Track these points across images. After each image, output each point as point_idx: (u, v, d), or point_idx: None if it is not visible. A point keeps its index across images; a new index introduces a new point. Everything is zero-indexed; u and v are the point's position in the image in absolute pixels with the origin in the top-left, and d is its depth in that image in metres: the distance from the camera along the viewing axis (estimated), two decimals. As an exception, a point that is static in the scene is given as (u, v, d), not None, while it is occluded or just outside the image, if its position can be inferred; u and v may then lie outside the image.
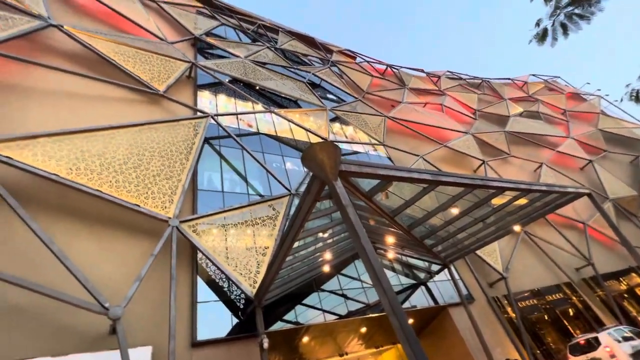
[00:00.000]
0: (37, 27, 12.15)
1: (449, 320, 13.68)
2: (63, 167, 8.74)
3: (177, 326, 8.19)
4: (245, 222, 11.12)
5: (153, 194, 9.85)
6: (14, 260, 7.58)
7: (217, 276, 10.37)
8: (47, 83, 11.53)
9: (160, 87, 14.19)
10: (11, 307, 7.09)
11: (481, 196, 8.32)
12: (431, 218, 8.83)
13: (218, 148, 14.17)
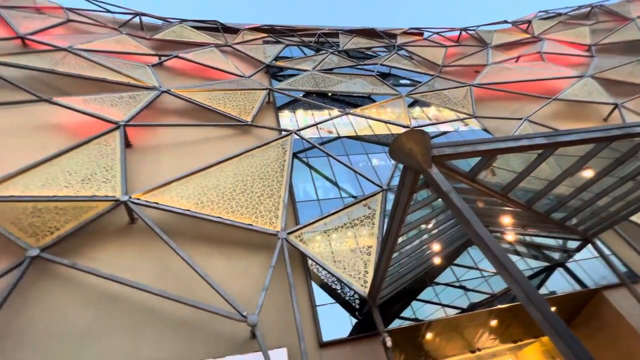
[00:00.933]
0: (155, 96, 15.18)
1: (607, 307, 11.18)
2: (192, 202, 10.59)
3: (304, 328, 8.87)
4: (345, 225, 11.42)
5: (261, 213, 11.04)
6: (174, 283, 9.48)
7: (328, 279, 10.89)
8: (168, 138, 14.24)
9: (247, 118, 15.94)
10: (179, 320, 8.87)
11: (623, 148, 6.61)
12: (555, 187, 7.44)
13: (306, 160, 15.01)
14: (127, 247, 10.09)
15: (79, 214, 9.52)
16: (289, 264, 9.92)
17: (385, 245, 6.18)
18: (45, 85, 15.02)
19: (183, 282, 9.49)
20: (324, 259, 10.38)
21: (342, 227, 11.43)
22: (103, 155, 11.33)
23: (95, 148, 11.53)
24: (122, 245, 10.10)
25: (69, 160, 10.82)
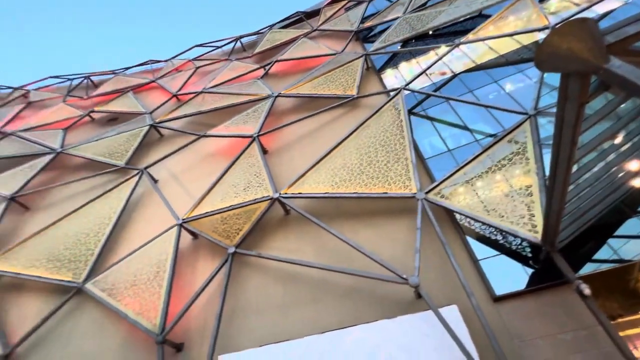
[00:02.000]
0: (271, 103, 17.09)
1: None
2: (327, 185, 11.52)
3: (469, 284, 8.43)
4: (490, 169, 10.04)
5: (392, 179, 10.96)
6: (335, 257, 10.64)
7: (485, 231, 9.92)
8: (292, 134, 15.83)
9: (352, 92, 15.93)
10: (347, 289, 9.95)
11: None
12: None
13: (424, 112, 13.91)
14: (290, 235, 11.92)
15: (250, 215, 11.84)
16: (435, 223, 9.54)
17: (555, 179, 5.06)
18: (198, 125, 19.12)
19: (341, 256, 10.51)
20: (474, 210, 9.47)
21: (487, 172, 10.09)
22: (251, 165, 13.63)
23: (244, 161, 14.00)
24: (285, 234, 12.01)
25: (230, 176, 13.55)
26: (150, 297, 10.70)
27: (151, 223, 13.83)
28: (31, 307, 12.38)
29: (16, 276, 13.00)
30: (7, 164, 19.33)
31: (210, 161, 16.35)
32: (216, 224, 12.11)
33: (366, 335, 8.68)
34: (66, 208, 15.45)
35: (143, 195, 15.58)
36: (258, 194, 12.10)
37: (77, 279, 12.17)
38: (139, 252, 12.24)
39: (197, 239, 12.87)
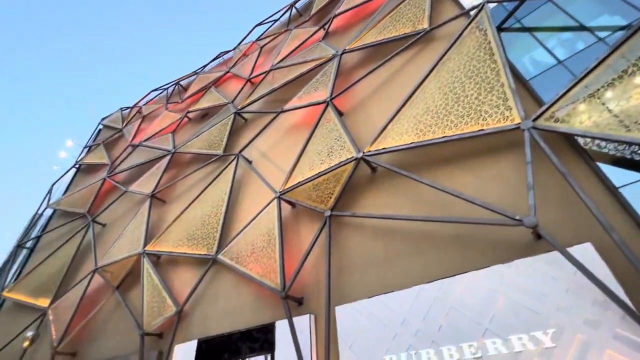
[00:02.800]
0: (337, 62, 16.58)
1: None
2: (412, 134, 10.85)
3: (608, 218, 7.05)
4: (625, 72, 7.82)
5: (487, 112, 9.62)
6: (433, 208, 10.22)
7: (625, 151, 8.00)
8: (365, 90, 15.21)
9: (423, 25, 14.14)
10: (450, 238, 9.54)
11: None
12: None
13: (518, 25, 11.48)
14: (381, 191, 11.87)
15: (338, 178, 12.16)
16: (551, 153, 8.10)
17: None
18: (274, 102, 20.02)
19: (440, 205, 10.02)
20: (605, 128, 7.65)
21: (621, 76, 7.89)
22: (330, 130, 13.76)
23: (323, 127, 14.20)
24: (376, 191, 12.00)
25: (313, 145, 14.00)
26: (269, 261, 12.31)
27: (255, 199, 15.56)
28: (187, 276, 15.71)
29: (170, 254, 16.55)
30: (142, 170, 24.10)
31: (292, 134, 17.13)
32: (309, 192, 12.86)
33: (479, 280, 8.31)
34: (189, 197, 18.58)
35: (243, 176, 17.51)
36: (342, 157, 12.24)
37: (211, 252, 14.79)
38: (250, 225, 14.04)
39: (295, 207, 13.99)
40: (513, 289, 7.76)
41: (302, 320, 10.79)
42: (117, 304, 16.94)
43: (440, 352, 8.05)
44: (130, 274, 17.80)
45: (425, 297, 8.97)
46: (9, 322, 21.01)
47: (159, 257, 17.38)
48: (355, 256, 11.28)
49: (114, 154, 30.08)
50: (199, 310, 14.20)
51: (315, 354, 10.22)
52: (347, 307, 10.23)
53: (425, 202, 10.52)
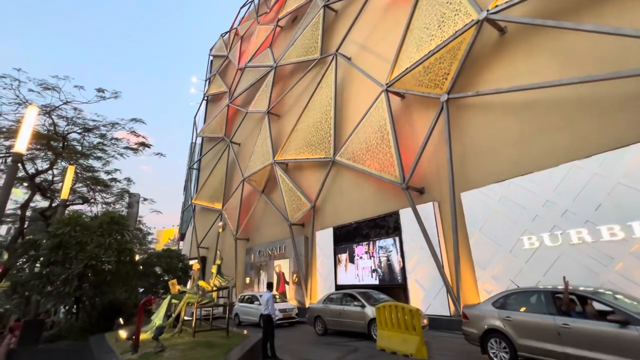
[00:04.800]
0: None
1: None
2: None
3: None
4: None
5: None
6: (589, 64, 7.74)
7: None
8: None
9: None
10: (624, 98, 7.26)
11: None
12: None
13: None
14: (513, 58, 9.58)
15: (455, 53, 10.29)
16: None
17: None
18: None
19: (603, 59, 7.48)
20: None
21: None
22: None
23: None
24: (506, 59, 9.76)
25: (418, 20, 11.84)
26: (385, 157, 12.48)
27: (361, 96, 15.14)
28: (313, 178, 17.83)
29: (295, 161, 18.74)
30: (253, 90, 26.17)
31: (391, 12, 14.82)
32: (419, 77, 11.52)
33: (667, 149, 6.37)
34: (299, 107, 19.57)
35: (345, 75, 16.91)
36: (458, 24, 10.04)
37: (329, 155, 15.94)
38: (361, 124, 14.07)
39: (404, 98, 13.02)
40: None
41: (426, 208, 11.11)
42: (266, 204, 21.12)
43: (598, 231, 7.13)
44: (269, 180, 21.38)
45: (578, 175, 7.63)
46: (202, 219, 29.41)
47: (287, 165, 19.97)
48: (481, 140, 10.17)
49: (228, 80, 33.26)
50: (329, 204, 16.31)
51: (443, 236, 10.68)
52: (475, 192, 9.81)
53: (579, 59, 8.01)
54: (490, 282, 8.97)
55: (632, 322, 4.03)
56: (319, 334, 9.94)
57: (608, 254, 6.94)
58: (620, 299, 4.56)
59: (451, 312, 9.81)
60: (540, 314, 5.03)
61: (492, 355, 5.56)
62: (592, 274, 7.03)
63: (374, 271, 12.86)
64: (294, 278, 17.24)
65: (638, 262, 6.53)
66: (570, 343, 4.53)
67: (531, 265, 8.16)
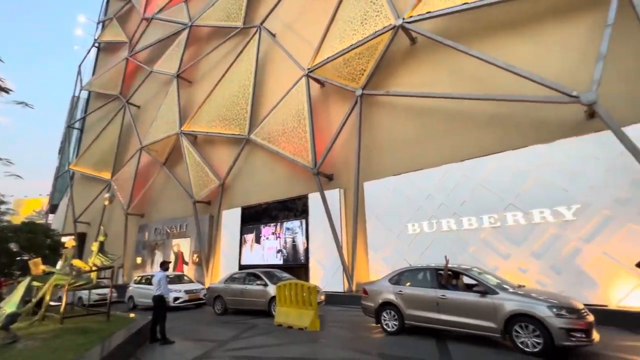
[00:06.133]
0: None
1: None
2: None
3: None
4: None
5: (572, -44, 7.47)
6: (474, 84, 9.36)
7: None
8: None
9: None
10: (489, 117, 9.03)
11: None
12: None
13: None
14: (420, 67, 10.81)
15: (372, 52, 11.01)
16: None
17: None
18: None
19: (482, 82, 9.13)
20: None
21: None
22: (364, -10, 11.62)
23: (356, -13, 11.98)
24: (414, 67, 10.95)
25: (344, 11, 12.16)
26: (300, 141, 12.69)
27: (282, 77, 14.90)
28: (224, 154, 16.90)
29: (206, 134, 17.41)
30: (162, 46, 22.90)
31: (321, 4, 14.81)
32: (339, 68, 11.98)
33: (513, 160, 8.26)
34: (214, 76, 18.09)
35: (267, 52, 16.31)
36: (378, 25, 10.73)
37: (244, 132, 15.33)
38: (279, 105, 13.91)
39: (324, 86, 13.38)
40: (546, 169, 7.72)
41: (333, 193, 11.84)
42: (168, 178, 19.15)
43: (460, 221, 8.84)
44: (173, 151, 19.37)
45: (453, 175, 9.24)
46: (83, 190, 24.88)
47: (196, 137, 18.41)
48: (386, 136, 11.28)
49: (129, 29, 28.23)
50: (239, 183, 15.82)
51: (345, 220, 11.61)
52: (376, 182, 10.92)
53: (466, 78, 9.58)
54: (379, 263, 10.23)
55: (489, 292, 5.16)
56: (218, 314, 9.77)
57: (465, 240, 8.71)
58: (483, 274, 5.80)
59: (345, 288, 10.87)
60: (425, 288, 6.00)
61: (384, 325, 6.38)
62: (454, 255, 8.71)
63: (279, 251, 13.19)
64: (195, 258, 16.34)
65: (484, 246, 8.38)
66: (445, 311, 5.53)
67: (412, 248, 9.63)
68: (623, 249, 6.50)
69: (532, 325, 4.59)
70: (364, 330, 6.77)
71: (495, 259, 8.12)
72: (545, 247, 7.50)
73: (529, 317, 4.62)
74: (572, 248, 7.16)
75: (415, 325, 6.01)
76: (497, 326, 4.88)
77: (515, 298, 4.87)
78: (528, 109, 8.29)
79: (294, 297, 7.47)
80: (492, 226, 8.33)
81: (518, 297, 4.88)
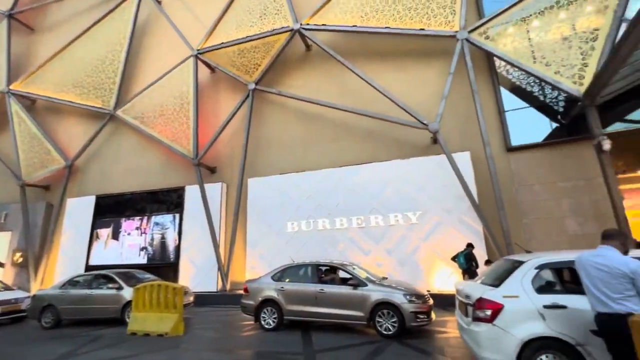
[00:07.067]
0: None
1: None
2: (356, 16, 9.98)
3: (489, 134, 8.55)
4: (557, 3, 8.25)
5: (433, 12, 9.31)
6: (356, 99, 10.46)
7: (522, 81, 9.19)
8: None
9: None
10: (366, 131, 10.29)
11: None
12: None
13: None
14: (312, 73, 11.37)
15: (268, 49, 10.93)
16: (471, 70, 8.74)
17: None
18: None
19: (365, 98, 10.30)
20: (520, 56, 8.42)
21: (552, 7, 8.33)
22: (267, -15, 11.46)
23: (258, -21, 11.69)
24: (307, 72, 11.44)
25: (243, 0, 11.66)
26: (180, 127, 11.45)
27: (164, 51, 13.15)
28: (76, 129, 13.62)
29: (49, 100, 13.65)
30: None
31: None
32: (233, 57, 11.42)
33: (380, 170, 9.63)
34: (72, 29, 14.44)
35: (149, 19, 14.09)
36: (276, 24, 10.76)
37: (107, 106, 12.76)
38: (159, 82, 12.20)
39: (214, 72, 12.50)
40: (403, 180, 9.33)
41: (214, 187, 11.15)
42: (-21, 149, 14.12)
43: (334, 221, 9.72)
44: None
45: (331, 179, 10.09)
46: None
47: (34, 102, 14.25)
48: (274, 134, 11.38)
49: None
50: (96, 166, 13.07)
51: (225, 217, 11.09)
52: (261, 180, 10.86)
53: (351, 92, 10.64)
54: (256, 260, 10.20)
55: (360, 284, 5.79)
56: (46, 327, 7.72)
57: (336, 238, 9.62)
58: (356, 269, 6.43)
59: (219, 287, 10.36)
60: (306, 283, 6.26)
61: (263, 322, 6.32)
62: (326, 252, 9.51)
63: (144, 249, 11.52)
64: (17, 258, 12.57)
65: (351, 244, 9.45)
66: (323, 304, 5.91)
67: (290, 245, 9.99)
68: (445, 246, 8.45)
69: (391, 312, 5.41)
70: (235, 330, 6.59)
71: (359, 255, 9.26)
72: (396, 244, 9.03)
73: (389, 304, 5.42)
74: (414, 246, 8.87)
75: (293, 320, 6.22)
76: (365, 314, 5.56)
77: (380, 289, 5.66)
78: (394, 129, 9.81)
79: (155, 301, 6.62)
80: (359, 226, 9.49)
81: (382, 287, 5.69)
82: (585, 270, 2.61)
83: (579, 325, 2.85)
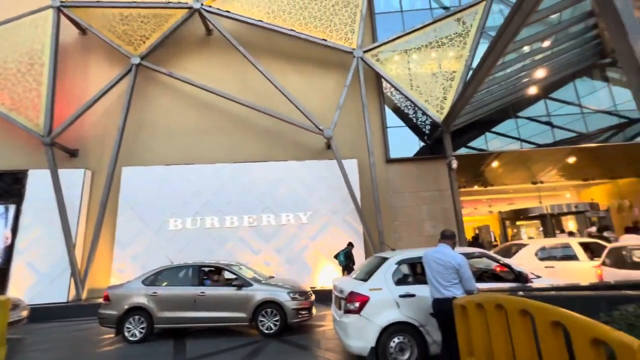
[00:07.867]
0: None
1: None
2: (263, 12, 9.80)
3: (373, 145, 9.64)
4: (430, 44, 9.97)
5: (336, 26, 9.96)
6: (255, 96, 10.23)
7: (402, 103, 10.72)
8: None
9: None
10: (263, 128, 10.17)
11: None
12: None
13: (392, -47, 11.74)
14: (211, 59, 10.58)
15: (161, 22, 9.64)
16: (363, 86, 9.70)
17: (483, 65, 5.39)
18: None
19: (263, 96, 10.17)
20: (401, 81, 9.82)
21: (427, 46, 10.03)
22: (164, -50, 10.11)
23: (154, -60, 10.21)
24: (206, 58, 10.59)
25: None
26: (27, 94, 8.94)
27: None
28: None
29: None
30: None
31: None
32: (113, 22, 9.61)
33: (274, 170, 9.65)
34: None
35: (-13, -56, 10.57)
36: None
37: None
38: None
39: (85, 34, 10.28)
40: (296, 181, 9.59)
41: (73, 174, 9.12)
42: None
43: (224, 220, 9.24)
44: None
45: (223, 174, 9.57)
46: None
47: None
48: (161, 120, 10.09)
49: None
50: None
51: (86, 210, 9.19)
52: (139, 169, 9.44)
53: (252, 88, 10.37)
54: (126, 262, 8.79)
55: (245, 284, 5.52)
56: None
57: (225, 237, 9.16)
58: (243, 269, 6.10)
59: (70, 297, 8.48)
60: (184, 286, 5.63)
61: (127, 334, 5.37)
62: (212, 251, 8.93)
63: (-50, 251, 8.46)
64: None
65: (241, 243, 9.15)
66: (203, 307, 5.40)
67: (171, 244, 8.97)
68: (330, 245, 9.06)
69: (274, 310, 5.37)
70: (89, 346, 5.47)
71: (248, 255, 9.04)
72: (285, 244, 9.20)
73: (273, 303, 5.39)
74: (303, 245, 9.21)
75: (166, 328, 5.54)
76: (247, 315, 5.38)
77: (265, 288, 5.58)
78: (293, 130, 10.01)
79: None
80: (251, 225, 9.29)
81: (267, 287, 5.63)
82: (428, 264, 3.18)
83: (423, 310, 3.44)
